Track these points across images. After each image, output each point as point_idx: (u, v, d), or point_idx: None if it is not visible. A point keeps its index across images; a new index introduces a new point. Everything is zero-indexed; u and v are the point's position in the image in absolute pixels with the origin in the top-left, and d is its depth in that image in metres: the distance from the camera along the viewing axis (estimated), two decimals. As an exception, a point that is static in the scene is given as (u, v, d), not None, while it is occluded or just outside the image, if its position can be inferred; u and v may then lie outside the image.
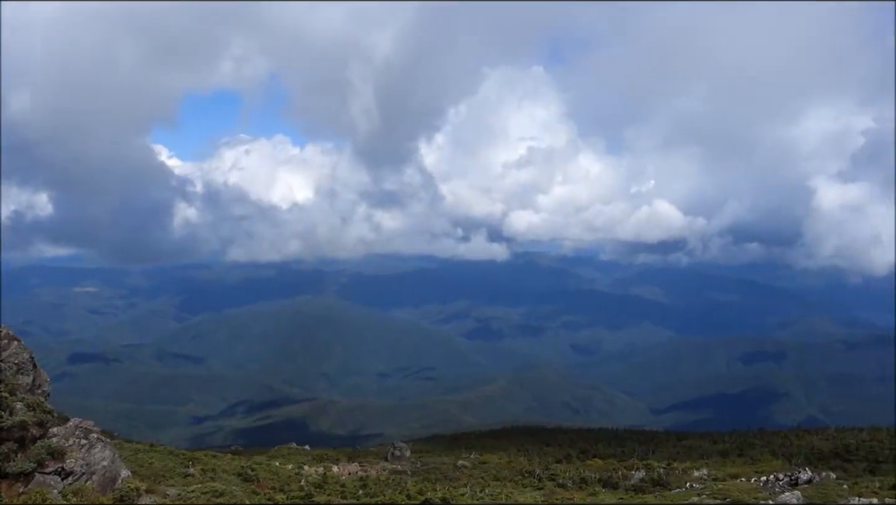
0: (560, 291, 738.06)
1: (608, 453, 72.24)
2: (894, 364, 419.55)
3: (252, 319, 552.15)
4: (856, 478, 41.31)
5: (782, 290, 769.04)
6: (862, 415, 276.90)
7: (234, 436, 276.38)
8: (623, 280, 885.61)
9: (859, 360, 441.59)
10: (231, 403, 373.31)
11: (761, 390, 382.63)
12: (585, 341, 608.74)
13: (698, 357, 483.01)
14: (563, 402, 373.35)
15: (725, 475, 44.99)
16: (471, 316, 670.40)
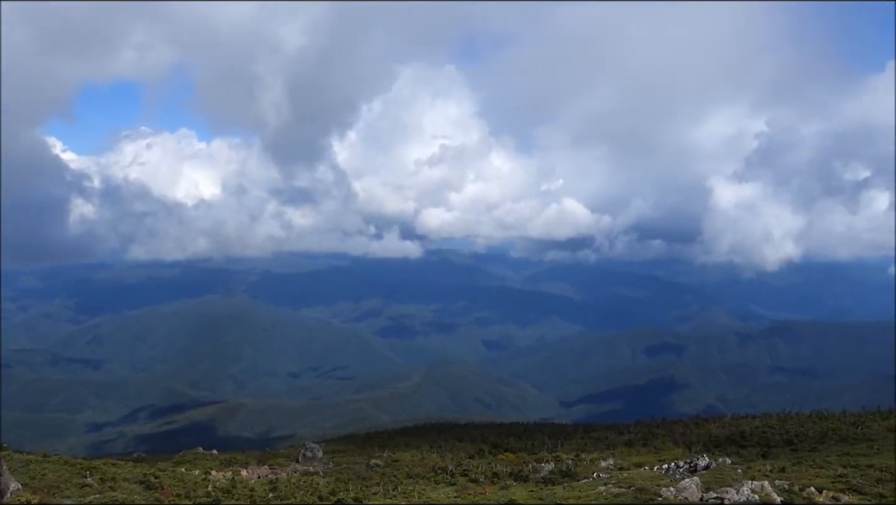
0: (472, 288, 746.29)
1: (519, 447, 73.51)
2: (785, 354, 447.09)
3: (155, 320, 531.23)
4: (749, 462, 43.59)
5: (683, 284, 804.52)
6: (755, 402, 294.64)
7: (136, 442, 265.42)
8: (533, 276, 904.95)
9: (752, 350, 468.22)
10: (133, 408, 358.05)
11: (664, 381, 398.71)
12: (497, 337, 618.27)
13: (605, 351, 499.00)
14: (476, 397, 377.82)
15: (630, 464, 46.61)
16: (384, 314, 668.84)
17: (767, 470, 36.08)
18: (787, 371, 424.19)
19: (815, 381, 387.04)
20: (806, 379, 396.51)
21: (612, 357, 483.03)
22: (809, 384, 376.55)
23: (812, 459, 42.70)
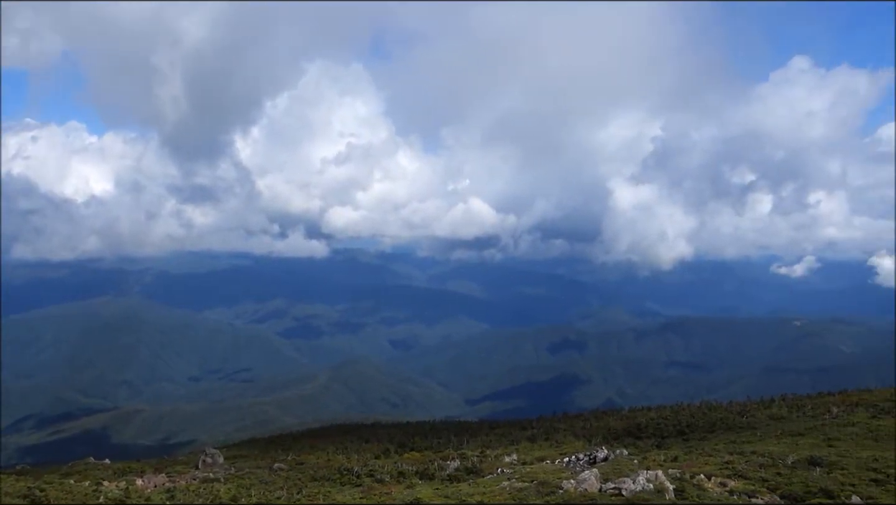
0: (379, 288, 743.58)
1: (425, 446, 73.80)
2: (678, 349, 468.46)
3: (41, 324, 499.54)
4: (645, 453, 45.42)
5: (584, 283, 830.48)
6: (651, 396, 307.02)
7: (20, 454, 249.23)
8: (440, 276, 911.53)
9: (649, 346, 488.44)
10: (16, 417, 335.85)
11: (566, 377, 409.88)
12: (404, 336, 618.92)
13: (510, 348, 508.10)
14: (383, 397, 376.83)
15: (533, 459, 47.62)
16: (289, 314, 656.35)
17: (661, 460, 37.70)
18: (681, 365, 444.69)
19: (706, 374, 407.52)
20: (697, 372, 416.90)
21: (516, 354, 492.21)
22: (700, 377, 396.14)
23: (702, 448, 44.94)
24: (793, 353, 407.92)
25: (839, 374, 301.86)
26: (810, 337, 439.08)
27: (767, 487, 27.21)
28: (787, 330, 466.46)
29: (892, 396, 67.94)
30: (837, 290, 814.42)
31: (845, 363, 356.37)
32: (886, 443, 42.66)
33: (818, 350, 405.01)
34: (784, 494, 26.31)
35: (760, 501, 25.84)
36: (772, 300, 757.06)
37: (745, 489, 26.97)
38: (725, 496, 26.17)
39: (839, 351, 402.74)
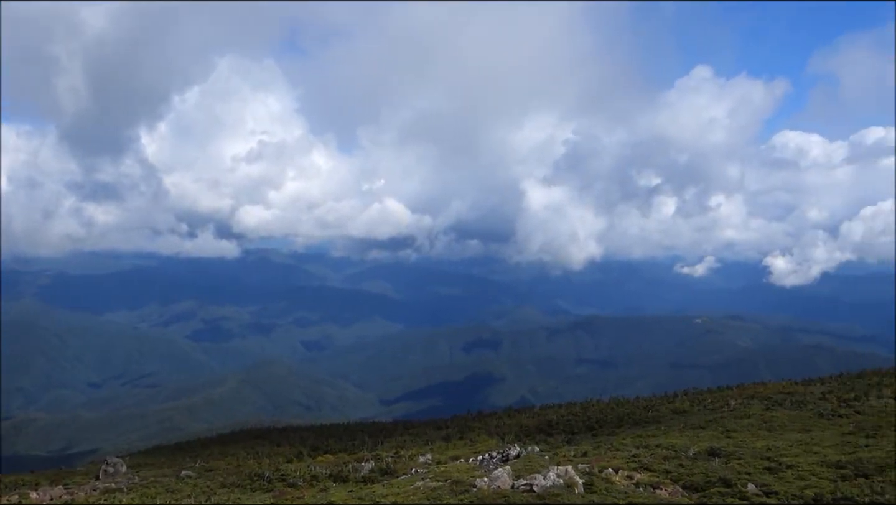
0: (291, 288, 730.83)
1: (339, 448, 72.92)
2: (590, 347, 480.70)
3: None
4: (556, 449, 46.37)
5: (498, 282, 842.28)
6: (562, 393, 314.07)
7: None
8: (354, 276, 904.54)
9: (560, 344, 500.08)
10: None
11: (481, 376, 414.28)
12: (317, 337, 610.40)
13: (425, 348, 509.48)
14: (296, 400, 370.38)
15: (447, 458, 47.78)
16: (197, 316, 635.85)
17: (571, 455, 38.59)
18: (590, 363, 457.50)
19: (614, 370, 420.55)
20: (606, 369, 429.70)
21: (431, 354, 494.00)
22: (609, 374, 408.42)
23: (610, 443, 46.30)
24: (695, 349, 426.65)
25: (737, 368, 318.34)
26: (711, 334, 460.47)
27: (671, 479, 28.27)
28: (689, 327, 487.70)
29: (785, 388, 72.02)
30: (735, 288, 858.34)
31: (743, 358, 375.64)
32: (779, 433, 45.16)
33: (718, 346, 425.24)
34: (686, 484, 27.40)
35: (664, 491, 26.80)
36: (675, 299, 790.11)
37: (650, 481, 27.92)
38: (632, 489, 27.02)
39: (737, 346, 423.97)
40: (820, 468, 29.14)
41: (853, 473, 27.93)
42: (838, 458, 31.46)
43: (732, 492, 25.15)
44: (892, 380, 65.91)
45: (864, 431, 42.07)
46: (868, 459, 29.96)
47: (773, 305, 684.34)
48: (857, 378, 72.51)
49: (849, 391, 62.11)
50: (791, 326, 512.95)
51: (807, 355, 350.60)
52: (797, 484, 26.32)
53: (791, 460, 31.16)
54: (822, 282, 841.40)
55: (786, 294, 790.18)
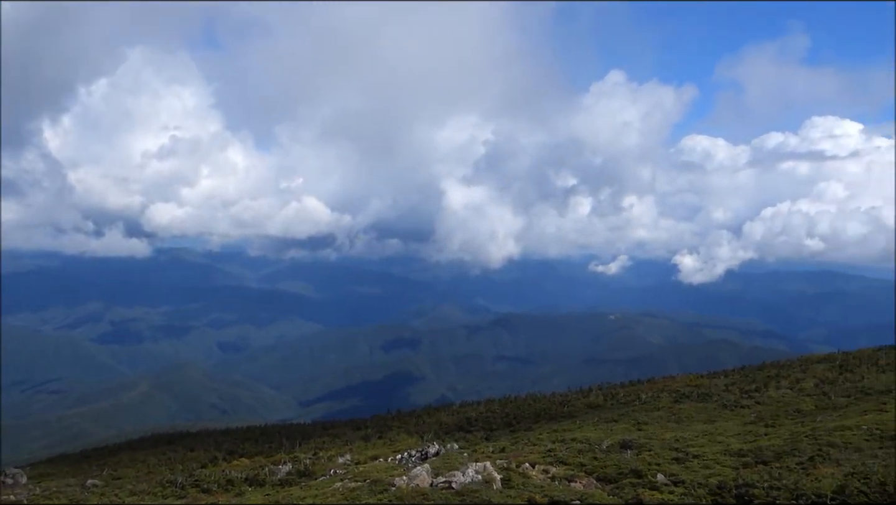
0: (206, 289, 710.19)
1: (256, 451, 71.39)
2: (507, 344, 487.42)
3: None
4: (475, 446, 46.88)
5: (418, 281, 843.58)
6: (482, 390, 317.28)
7: None
8: (272, 275, 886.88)
9: (479, 342, 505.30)
10: None
11: (401, 375, 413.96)
12: (233, 339, 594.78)
13: (344, 348, 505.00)
14: (211, 403, 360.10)
15: (367, 458, 47.53)
16: (105, 318, 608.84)
17: (490, 451, 39.09)
18: (509, 359, 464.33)
19: (532, 367, 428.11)
20: (524, 366, 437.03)
21: (351, 354, 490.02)
22: (527, 370, 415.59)
23: (528, 438, 47.13)
24: (608, 345, 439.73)
25: (648, 363, 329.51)
26: (623, 330, 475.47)
27: (585, 471, 29.07)
28: (603, 324, 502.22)
29: (692, 381, 75.13)
30: (646, 286, 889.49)
31: (653, 353, 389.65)
32: (687, 424, 47.10)
33: (630, 342, 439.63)
34: (600, 476, 28.24)
35: (579, 484, 27.53)
36: (590, 296, 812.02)
37: (565, 474, 28.62)
38: (548, 482, 27.63)
39: (648, 342, 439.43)
40: (723, 457, 30.57)
41: (754, 460, 29.44)
42: (740, 446, 33.09)
43: (643, 482, 26.07)
44: (789, 372, 69.80)
45: (763, 420, 44.40)
46: (767, 447, 31.65)
47: (681, 302, 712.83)
48: (758, 370, 76.36)
49: (750, 383, 65.34)
50: (698, 322, 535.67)
51: (712, 350, 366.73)
52: (703, 472, 27.53)
53: (697, 450, 32.57)
54: (726, 279, 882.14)
55: (693, 291, 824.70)
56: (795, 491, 21.69)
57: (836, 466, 26.36)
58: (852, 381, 57.72)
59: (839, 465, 26.68)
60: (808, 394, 54.19)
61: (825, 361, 74.30)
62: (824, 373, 64.46)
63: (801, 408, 47.49)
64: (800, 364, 75.63)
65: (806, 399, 51.22)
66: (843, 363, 69.35)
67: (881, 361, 67.28)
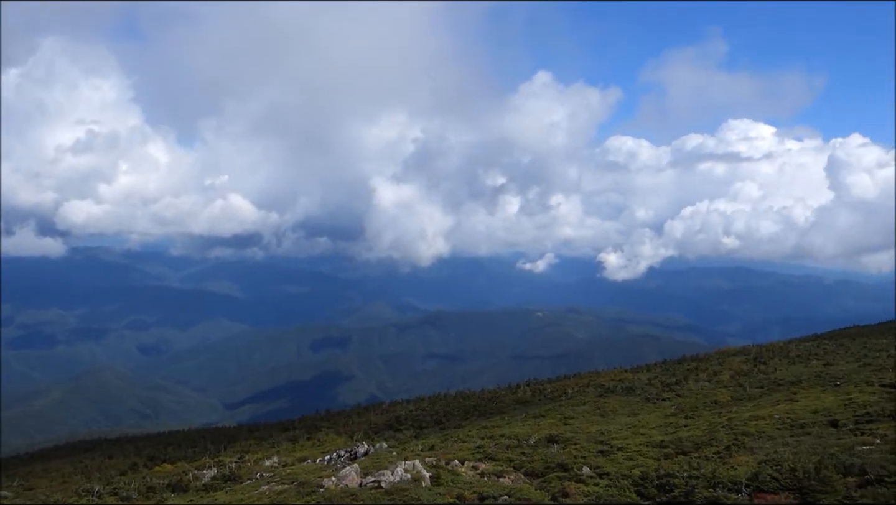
0: (126, 289, 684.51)
1: (179, 456, 69.37)
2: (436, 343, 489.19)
3: None
4: (404, 444, 46.85)
5: (347, 280, 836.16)
6: (412, 388, 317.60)
7: None
8: (195, 275, 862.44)
9: (409, 340, 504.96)
10: None
11: (330, 375, 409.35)
12: (155, 341, 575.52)
13: (271, 348, 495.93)
14: (131, 408, 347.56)
15: (294, 459, 46.84)
16: (15, 322, 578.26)
17: (419, 449, 39.13)
18: (439, 357, 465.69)
19: (461, 364, 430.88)
20: (454, 363, 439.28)
21: (278, 354, 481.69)
22: (456, 368, 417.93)
23: (457, 435, 47.43)
24: (536, 341, 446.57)
25: (575, 358, 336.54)
26: (550, 326, 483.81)
27: (513, 466, 29.45)
28: (531, 320, 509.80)
29: (616, 376, 77.17)
30: (572, 283, 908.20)
31: (580, 349, 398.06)
32: (611, 417, 48.33)
33: (557, 338, 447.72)
34: (527, 471, 28.67)
35: (507, 479, 27.87)
36: (518, 293, 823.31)
37: (494, 470, 28.92)
38: (477, 479, 27.85)
39: (574, 338, 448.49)
40: (646, 448, 31.50)
41: (674, 451, 30.45)
42: (662, 438, 34.17)
43: (569, 475, 26.60)
44: (708, 365, 72.55)
45: (683, 412, 45.98)
46: (687, 438, 32.79)
47: (606, 298, 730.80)
48: (678, 364, 79.08)
49: (671, 376, 67.59)
50: (622, 318, 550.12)
51: (636, 344, 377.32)
52: (626, 464, 28.30)
53: (621, 443, 33.46)
54: (648, 276, 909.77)
55: (617, 287, 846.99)
56: (713, 479, 22.54)
57: (751, 455, 27.53)
58: (765, 372, 60.45)
59: (753, 453, 27.87)
60: (725, 386, 56.45)
61: (740, 354, 77.60)
62: (740, 365, 67.28)
63: (719, 399, 49.41)
64: (717, 357, 78.74)
65: (723, 391, 53.32)
66: (757, 356, 72.59)
67: (792, 352, 70.74)
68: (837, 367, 55.92)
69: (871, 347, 66.19)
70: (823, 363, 59.93)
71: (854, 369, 52.85)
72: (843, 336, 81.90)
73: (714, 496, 20.88)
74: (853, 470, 21.57)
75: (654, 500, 22.78)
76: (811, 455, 24.68)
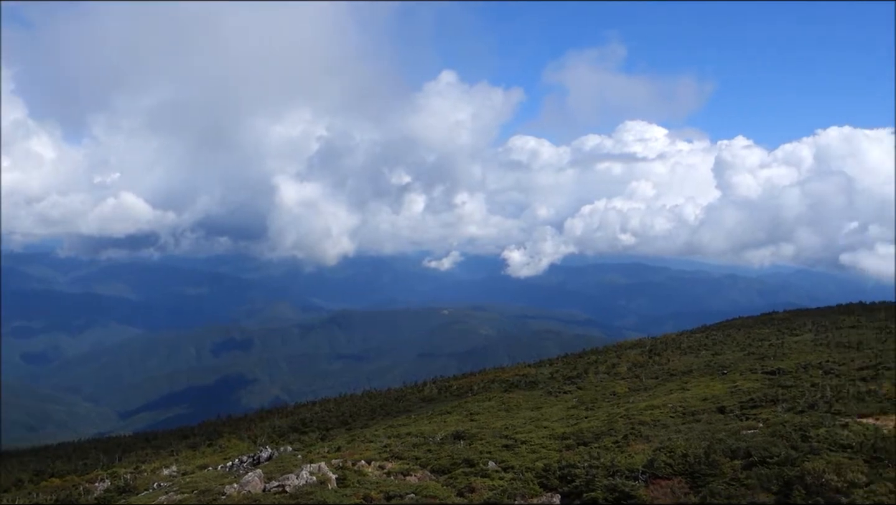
0: (6, 294, 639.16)
1: (68, 469, 65.59)
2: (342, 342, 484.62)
3: None
4: (310, 447, 46.15)
5: (249, 280, 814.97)
6: (317, 390, 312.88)
7: None
8: (85, 278, 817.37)
9: (314, 341, 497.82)
10: None
11: (232, 378, 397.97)
12: (41, 349, 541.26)
13: (169, 352, 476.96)
14: (15, 420, 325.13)
15: (195, 467, 45.26)
16: None
17: (325, 451, 38.67)
18: (345, 357, 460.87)
19: (368, 363, 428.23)
20: (360, 363, 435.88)
21: (176, 359, 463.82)
22: (363, 367, 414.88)
23: (364, 435, 47.15)
24: (442, 338, 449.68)
25: (480, 355, 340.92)
26: (456, 323, 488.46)
27: (420, 464, 29.56)
28: (437, 318, 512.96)
29: (520, 371, 78.81)
30: (477, 280, 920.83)
31: (485, 345, 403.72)
32: (516, 412, 49.30)
33: (463, 335, 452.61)
34: (434, 468, 28.85)
35: (414, 477, 27.96)
36: (424, 291, 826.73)
37: (400, 469, 28.94)
38: (384, 478, 27.81)
39: (479, 334, 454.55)
40: (549, 441, 32.35)
41: (575, 442, 31.43)
42: (563, 430, 35.18)
43: (475, 471, 26.98)
44: (606, 358, 75.22)
45: (584, 404, 47.49)
46: (587, 429, 33.89)
47: (510, 295, 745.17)
48: (579, 358, 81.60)
49: (572, 370, 69.67)
50: (525, 314, 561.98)
51: (538, 340, 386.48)
52: (530, 457, 28.98)
53: (525, 436, 34.21)
54: (550, 272, 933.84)
55: (520, 284, 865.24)
56: (612, 468, 23.42)
57: (647, 443, 28.77)
58: (660, 363, 63.28)
59: (649, 441, 29.14)
60: (623, 377, 58.70)
61: (637, 347, 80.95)
62: (636, 357, 70.14)
63: (617, 391, 51.34)
64: (615, 350, 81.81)
65: (621, 382, 55.43)
66: (652, 348, 75.91)
67: (683, 344, 74.40)
68: (724, 356, 59.23)
69: (754, 336, 70.56)
70: (712, 353, 63.34)
71: (739, 358, 56.15)
72: (729, 327, 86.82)
73: (613, 484, 21.69)
74: (739, 453, 22.91)
75: (557, 490, 23.45)
76: (701, 441, 26.05)
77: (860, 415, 27.70)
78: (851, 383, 35.77)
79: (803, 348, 56.24)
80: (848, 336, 59.39)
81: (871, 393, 31.54)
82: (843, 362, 44.86)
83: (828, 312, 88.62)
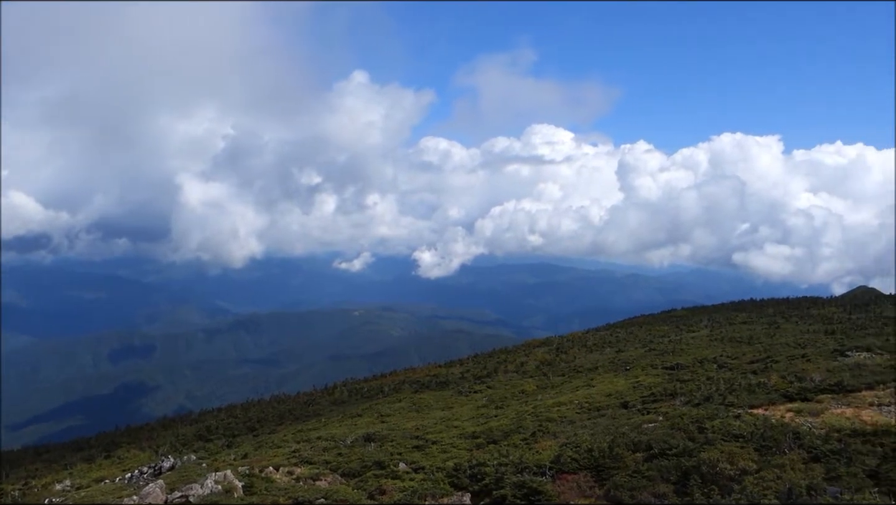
0: None
1: (-52, 488, 61.08)
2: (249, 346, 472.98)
3: None
4: (215, 455, 44.74)
5: (150, 284, 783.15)
6: (224, 396, 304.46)
7: None
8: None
9: (219, 345, 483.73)
10: None
11: (132, 386, 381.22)
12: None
13: (61, 361, 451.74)
14: None
15: (91, 481, 43.07)
16: None
17: (231, 459, 37.57)
18: (252, 362, 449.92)
19: (277, 367, 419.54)
20: (269, 367, 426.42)
21: (69, 367, 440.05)
22: (271, 371, 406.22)
23: (272, 441, 46.12)
24: (353, 340, 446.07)
25: (392, 356, 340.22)
26: (367, 325, 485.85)
27: (330, 468, 29.18)
28: (348, 319, 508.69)
29: (430, 371, 79.13)
30: (388, 281, 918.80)
31: (396, 346, 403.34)
32: (426, 412, 49.44)
33: (374, 336, 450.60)
34: (345, 471, 28.56)
35: (324, 482, 27.58)
36: (335, 293, 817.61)
37: (310, 474, 28.47)
38: (292, 484, 27.27)
39: (391, 335, 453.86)
40: (459, 440, 32.60)
41: (485, 440, 31.80)
42: (473, 429, 35.55)
43: (386, 473, 26.89)
44: (515, 356, 76.58)
45: (494, 403, 48.15)
46: (497, 428, 34.36)
47: (421, 295, 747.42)
48: (489, 357, 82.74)
49: (482, 369, 70.54)
50: (436, 314, 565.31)
51: (449, 340, 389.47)
52: (441, 457, 29.12)
53: (436, 437, 34.35)
54: (461, 273, 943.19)
55: (431, 285, 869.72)
56: (520, 465, 23.85)
57: (554, 439, 29.46)
58: (566, 361, 64.96)
59: (556, 437, 29.85)
60: (531, 375, 59.91)
61: (544, 345, 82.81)
62: (544, 355, 71.73)
63: (525, 389, 52.31)
64: (524, 349, 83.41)
65: (529, 380, 56.54)
66: (559, 346, 77.87)
67: (589, 341, 76.68)
68: (627, 353, 61.44)
69: (655, 333, 73.53)
70: (616, 350, 65.57)
71: (641, 354, 58.38)
72: (632, 325, 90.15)
73: (521, 480, 22.07)
74: (641, 446, 23.81)
75: (467, 489, 23.67)
76: (605, 435, 26.92)
77: (751, 406, 29.30)
78: (743, 376, 37.85)
79: (700, 344, 59.06)
80: (740, 331, 62.82)
81: (761, 385, 33.41)
82: (736, 356, 47.41)
83: (722, 308, 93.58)
